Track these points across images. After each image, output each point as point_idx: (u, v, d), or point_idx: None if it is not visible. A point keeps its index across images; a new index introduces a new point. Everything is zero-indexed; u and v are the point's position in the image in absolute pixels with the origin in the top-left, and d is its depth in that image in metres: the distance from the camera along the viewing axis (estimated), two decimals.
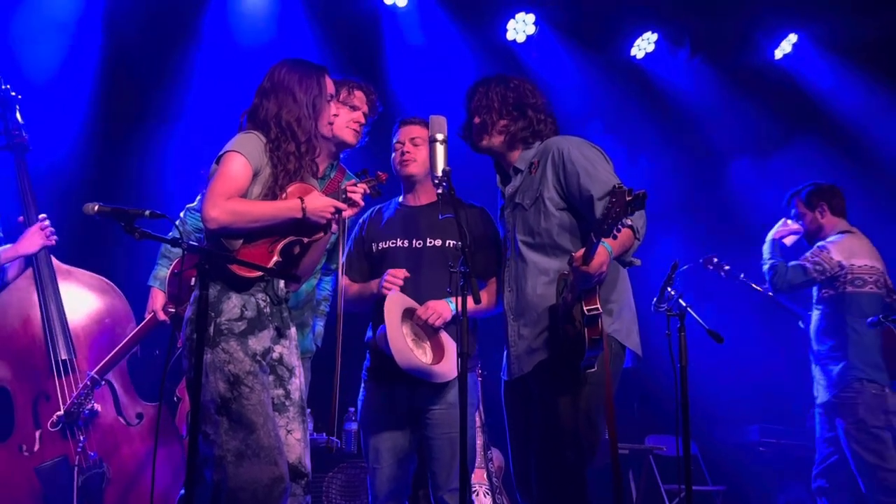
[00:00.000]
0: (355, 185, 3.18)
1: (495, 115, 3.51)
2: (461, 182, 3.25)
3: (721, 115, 6.85)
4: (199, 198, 3.72)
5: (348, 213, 3.15)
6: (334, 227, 3.17)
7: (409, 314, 3.63)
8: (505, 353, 3.51)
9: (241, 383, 2.92)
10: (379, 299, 3.64)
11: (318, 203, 3.04)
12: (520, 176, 3.49)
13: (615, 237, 2.92)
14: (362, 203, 3.18)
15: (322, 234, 3.12)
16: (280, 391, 3.08)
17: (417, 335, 3.65)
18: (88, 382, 4.15)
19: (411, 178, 3.80)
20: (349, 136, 3.66)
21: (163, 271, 3.87)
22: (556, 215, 3.35)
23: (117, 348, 4.22)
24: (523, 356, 3.37)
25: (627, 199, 2.76)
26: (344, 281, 3.66)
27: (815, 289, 4.82)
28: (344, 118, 3.63)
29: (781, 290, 4.84)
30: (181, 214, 3.90)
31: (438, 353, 3.63)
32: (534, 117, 3.50)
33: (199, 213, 3.60)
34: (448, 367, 3.56)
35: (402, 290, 3.65)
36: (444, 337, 3.64)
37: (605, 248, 3.04)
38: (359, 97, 3.69)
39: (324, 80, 3.21)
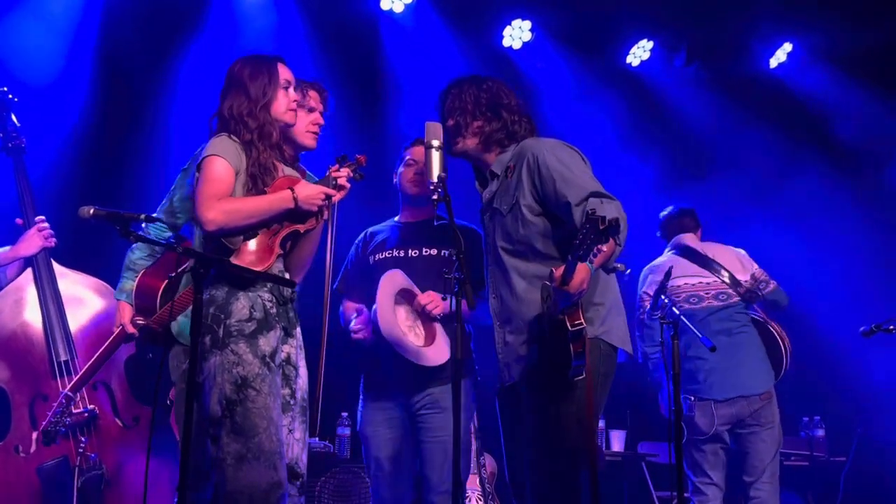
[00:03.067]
0: (338, 170, 3.24)
1: (469, 117, 3.43)
2: (461, 198, 3.27)
3: (715, 123, 6.87)
4: (159, 208, 3.70)
5: (337, 196, 3.22)
6: (325, 213, 3.23)
7: (409, 297, 3.65)
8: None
9: (248, 386, 2.95)
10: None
11: (309, 191, 3.13)
12: (496, 181, 3.42)
13: (591, 262, 2.88)
14: (349, 186, 3.24)
15: (315, 221, 3.20)
16: (286, 390, 3.13)
17: (412, 319, 3.69)
18: (63, 401, 4.06)
19: (418, 197, 3.81)
20: (309, 141, 3.56)
21: (129, 284, 3.77)
22: (534, 222, 3.26)
23: (87, 365, 4.11)
24: (512, 364, 3.34)
25: (601, 227, 2.69)
26: (346, 304, 3.79)
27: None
28: (303, 122, 3.51)
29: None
30: (143, 225, 3.73)
31: (430, 339, 3.66)
32: (508, 118, 3.42)
33: (163, 225, 3.63)
34: (435, 352, 3.59)
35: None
36: (438, 328, 3.68)
37: (586, 264, 2.93)
38: (314, 97, 3.60)
39: (275, 68, 3.25)
